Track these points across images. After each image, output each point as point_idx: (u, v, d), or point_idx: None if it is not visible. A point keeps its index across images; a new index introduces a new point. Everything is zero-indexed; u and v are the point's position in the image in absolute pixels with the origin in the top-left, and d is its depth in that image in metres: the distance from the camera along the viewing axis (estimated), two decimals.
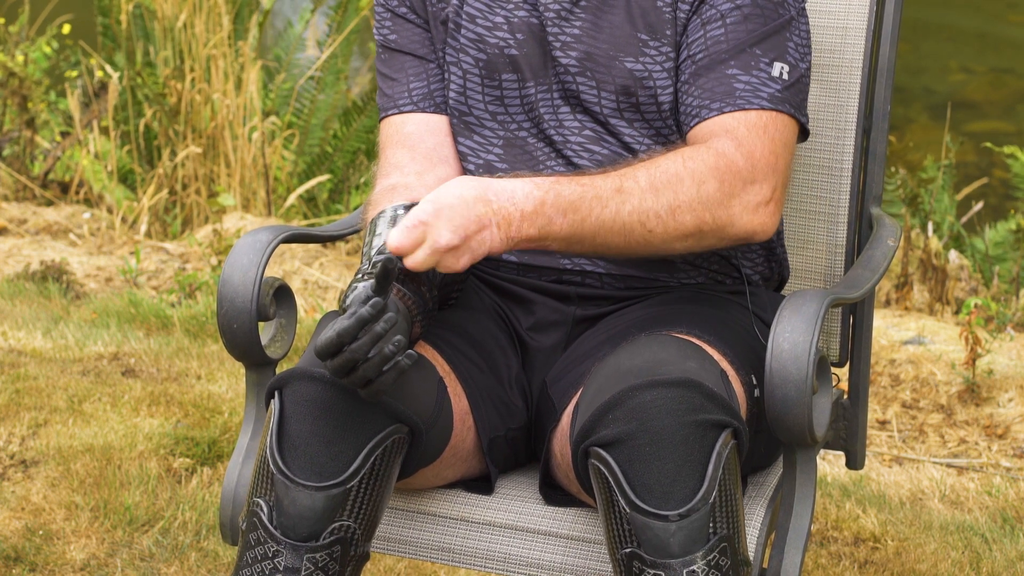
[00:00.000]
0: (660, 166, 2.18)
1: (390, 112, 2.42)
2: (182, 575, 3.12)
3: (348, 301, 2.09)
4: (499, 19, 2.36)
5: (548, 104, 2.35)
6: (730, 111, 2.24)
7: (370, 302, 2.02)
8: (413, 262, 2.06)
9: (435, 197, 2.08)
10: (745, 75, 2.25)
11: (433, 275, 2.21)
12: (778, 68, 2.27)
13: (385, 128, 2.43)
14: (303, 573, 2.07)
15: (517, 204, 2.11)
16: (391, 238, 2.06)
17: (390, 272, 2.04)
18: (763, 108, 2.25)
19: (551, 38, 2.33)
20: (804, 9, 2.32)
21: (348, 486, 2.08)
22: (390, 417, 2.11)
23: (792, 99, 2.27)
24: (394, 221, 2.22)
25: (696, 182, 2.18)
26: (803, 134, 2.33)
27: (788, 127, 2.27)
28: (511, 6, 2.36)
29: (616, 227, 2.15)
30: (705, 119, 2.26)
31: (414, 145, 2.40)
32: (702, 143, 2.23)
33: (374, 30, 2.46)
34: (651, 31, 2.31)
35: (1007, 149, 5.28)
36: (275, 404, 2.11)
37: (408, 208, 2.23)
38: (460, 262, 2.09)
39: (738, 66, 2.26)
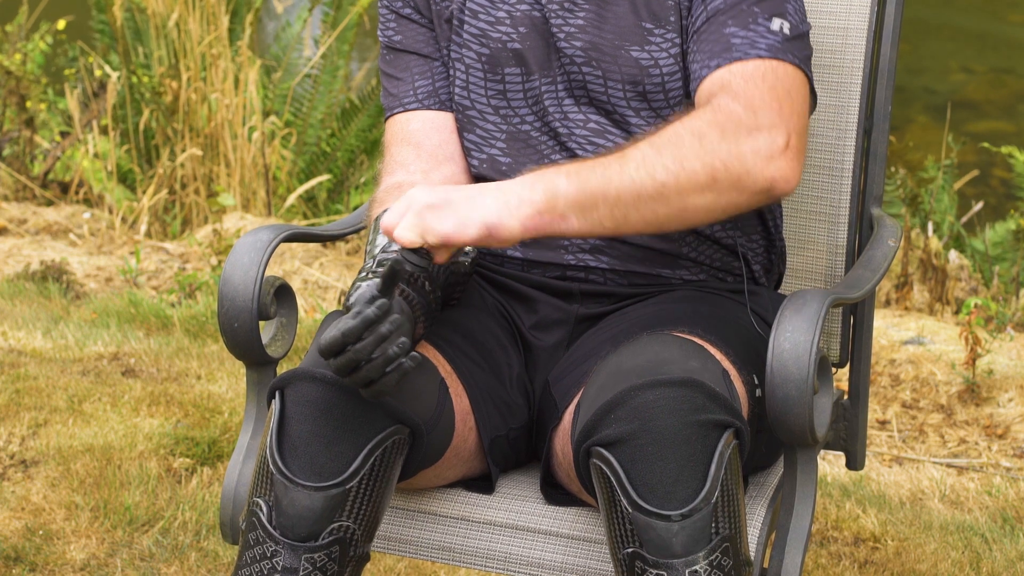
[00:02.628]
0: (659, 133, 2.15)
1: (395, 111, 2.42)
2: (182, 575, 3.12)
3: (352, 300, 2.09)
4: (501, 13, 2.36)
5: (553, 97, 2.35)
6: (727, 64, 2.21)
7: (376, 303, 2.02)
8: (400, 231, 2.08)
9: None
10: (743, 30, 2.23)
11: (437, 275, 2.21)
12: (777, 23, 2.23)
13: (390, 127, 2.43)
14: (301, 573, 2.07)
15: (514, 180, 2.11)
16: (385, 219, 2.09)
17: (397, 273, 2.04)
18: (760, 57, 2.20)
19: (555, 29, 2.33)
20: None
21: (347, 487, 2.08)
22: (391, 418, 2.11)
23: (794, 50, 2.23)
24: None
25: (697, 136, 2.13)
26: (812, 97, 2.28)
27: (791, 75, 2.21)
28: (513, 0, 2.36)
29: (625, 184, 2.11)
30: (704, 77, 2.23)
31: (419, 143, 2.40)
32: (702, 105, 2.21)
33: (378, 31, 2.46)
34: (655, 19, 2.31)
35: (1004, 149, 5.28)
36: (276, 404, 2.11)
37: None
38: (445, 224, 2.08)
39: (735, 23, 2.23)
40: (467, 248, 2.28)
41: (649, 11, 2.31)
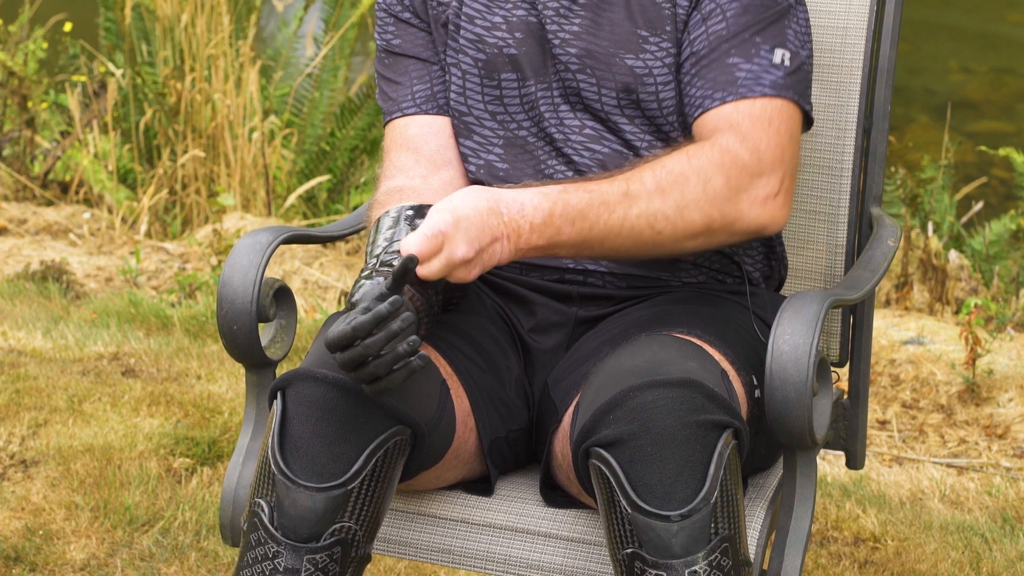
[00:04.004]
0: (666, 166, 2.18)
1: (394, 115, 2.42)
2: (182, 575, 3.12)
3: (357, 297, 2.09)
4: (498, 19, 2.36)
5: (548, 103, 2.35)
6: (733, 100, 2.25)
7: (389, 300, 2.02)
8: (427, 271, 2.08)
9: (452, 207, 2.09)
10: (747, 63, 2.26)
11: (438, 280, 2.21)
12: (779, 55, 2.27)
13: (389, 132, 2.43)
14: (303, 574, 2.07)
15: (526, 216, 2.12)
16: (409, 243, 2.07)
17: (408, 272, 2.04)
18: (765, 95, 2.25)
19: (550, 35, 2.34)
20: None
21: (349, 487, 2.08)
22: (392, 419, 2.11)
23: (795, 86, 2.27)
24: (397, 222, 2.22)
25: (702, 180, 2.18)
26: (807, 123, 2.33)
27: (792, 116, 2.27)
28: (509, 5, 2.36)
29: (624, 231, 2.17)
30: (708, 109, 2.26)
31: (418, 148, 2.40)
32: (707, 138, 2.24)
33: (375, 34, 2.46)
34: (651, 27, 2.31)
35: (1002, 151, 5.28)
36: (277, 405, 2.11)
37: (414, 210, 2.23)
38: (471, 273, 2.11)
39: (739, 55, 2.26)
40: None
41: (645, 19, 2.31)
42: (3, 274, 4.92)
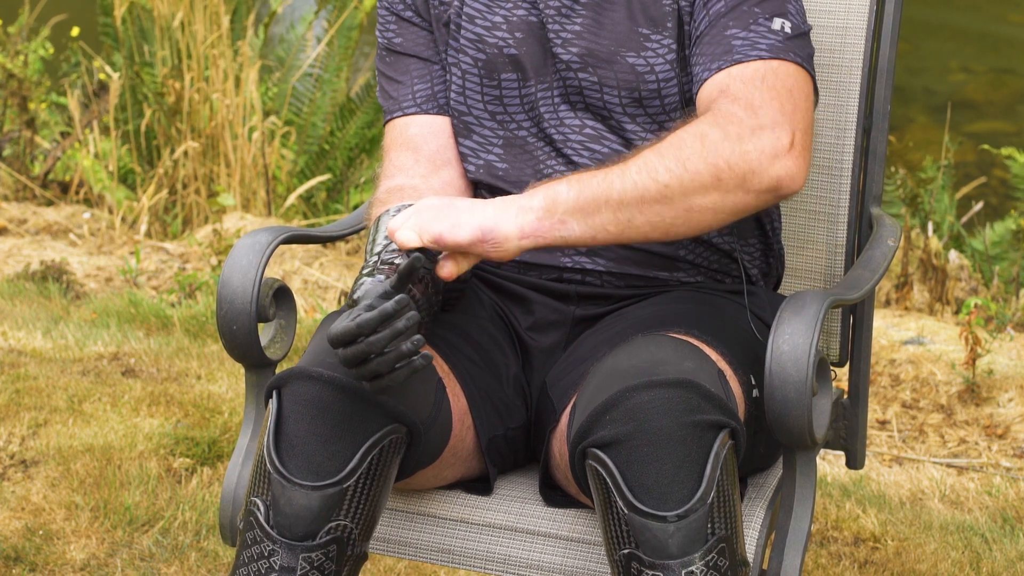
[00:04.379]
0: (660, 139, 2.16)
1: (394, 115, 2.42)
2: (182, 575, 3.12)
3: (359, 294, 2.09)
4: (498, 19, 2.36)
5: (548, 103, 2.35)
6: (727, 67, 2.22)
7: (395, 298, 2.02)
8: (399, 233, 2.10)
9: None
10: (743, 31, 2.22)
11: (439, 279, 2.20)
12: (778, 22, 2.23)
13: (389, 131, 2.43)
14: (299, 572, 2.07)
15: (517, 195, 2.12)
16: (390, 223, 2.11)
17: (415, 271, 2.04)
18: (761, 59, 2.20)
19: (551, 35, 2.33)
20: None
21: (345, 486, 2.08)
22: (388, 417, 2.11)
23: (796, 49, 2.23)
24: None
25: (698, 135, 2.13)
26: (814, 96, 2.28)
27: (791, 74, 2.21)
28: (510, 5, 2.36)
29: (627, 187, 2.11)
30: (705, 80, 2.23)
31: (418, 147, 2.40)
32: (703, 112, 2.21)
33: (377, 31, 2.46)
34: (652, 24, 2.31)
35: (1004, 151, 5.29)
36: (273, 404, 2.11)
37: None
38: (440, 224, 2.09)
39: (737, 25, 2.23)
40: None
41: (646, 16, 2.31)
42: (3, 274, 4.92)
